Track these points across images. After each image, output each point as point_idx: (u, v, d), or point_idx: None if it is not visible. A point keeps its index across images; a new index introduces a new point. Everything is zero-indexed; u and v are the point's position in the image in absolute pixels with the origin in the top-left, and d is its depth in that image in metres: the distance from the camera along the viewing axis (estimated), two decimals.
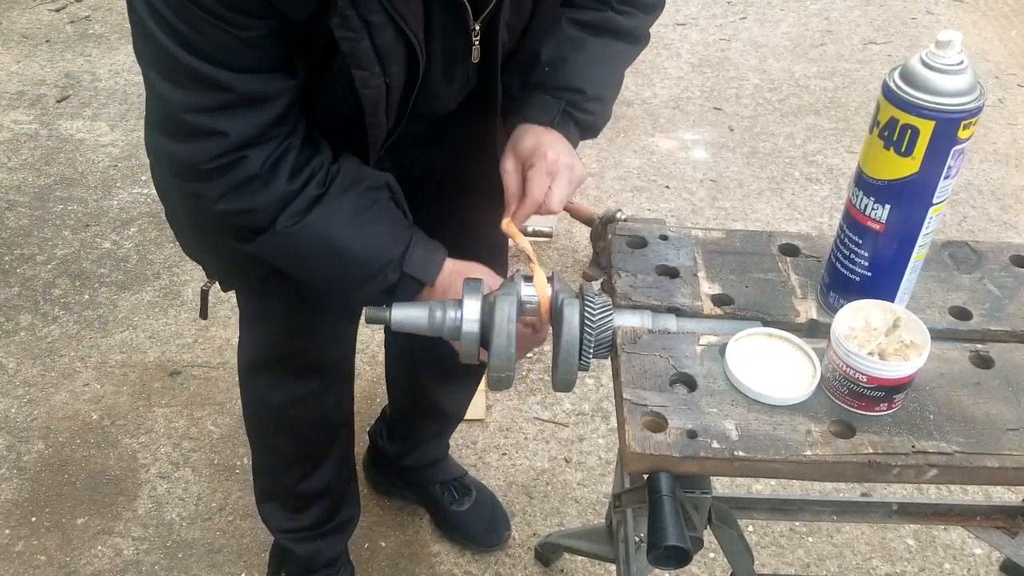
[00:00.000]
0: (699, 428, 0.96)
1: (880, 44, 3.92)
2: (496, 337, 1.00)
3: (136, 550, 1.96)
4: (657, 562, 0.95)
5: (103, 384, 2.33)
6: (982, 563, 1.94)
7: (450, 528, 2.00)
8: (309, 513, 1.74)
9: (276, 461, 1.71)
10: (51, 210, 2.90)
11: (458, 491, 2.00)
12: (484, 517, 2.00)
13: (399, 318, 1.07)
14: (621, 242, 1.23)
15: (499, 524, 1.99)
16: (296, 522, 1.76)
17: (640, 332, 1.08)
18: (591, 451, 2.18)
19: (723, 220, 2.92)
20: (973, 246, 1.24)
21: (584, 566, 1.93)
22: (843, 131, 3.36)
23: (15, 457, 2.15)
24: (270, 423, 1.65)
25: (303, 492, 1.71)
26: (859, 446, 0.95)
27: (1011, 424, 0.98)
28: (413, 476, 2.00)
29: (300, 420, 1.60)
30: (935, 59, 0.93)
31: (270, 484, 1.76)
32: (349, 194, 1.08)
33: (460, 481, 2.02)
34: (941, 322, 1.12)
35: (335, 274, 1.12)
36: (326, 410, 1.63)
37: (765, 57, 3.80)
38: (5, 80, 3.55)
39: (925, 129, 0.94)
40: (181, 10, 0.92)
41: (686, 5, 4.15)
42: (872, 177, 1.01)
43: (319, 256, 1.10)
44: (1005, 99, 3.59)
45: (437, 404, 1.86)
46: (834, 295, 1.11)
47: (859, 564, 1.95)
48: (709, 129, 3.36)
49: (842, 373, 0.98)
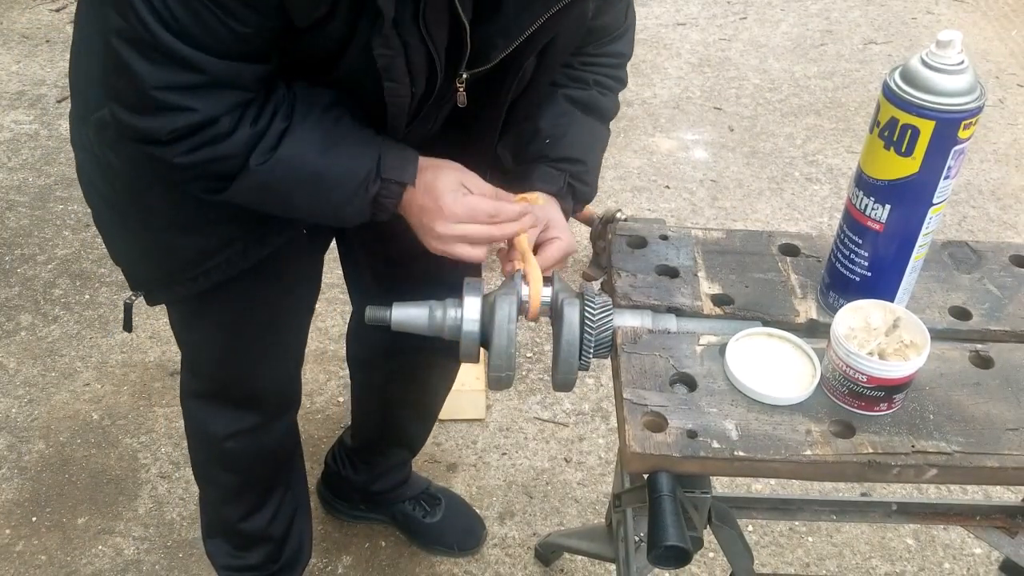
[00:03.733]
0: (699, 428, 0.96)
1: (880, 44, 3.92)
2: (496, 337, 1.00)
3: (137, 550, 1.96)
4: (657, 562, 0.95)
5: (103, 384, 2.33)
6: (982, 563, 1.94)
7: (427, 541, 1.96)
8: (255, 552, 1.70)
9: (218, 495, 1.66)
10: (51, 210, 2.90)
11: (428, 503, 1.96)
12: (459, 522, 1.98)
13: (399, 318, 1.07)
14: (621, 242, 1.23)
15: (475, 525, 1.98)
16: (241, 560, 1.71)
17: (640, 332, 1.08)
18: (591, 451, 2.18)
19: (723, 220, 2.92)
20: (973, 246, 1.24)
21: (584, 566, 1.93)
22: (843, 131, 3.36)
23: (16, 457, 2.15)
24: (210, 454, 1.60)
25: (247, 531, 1.67)
26: (859, 446, 0.96)
27: (1011, 424, 0.98)
28: (381, 498, 1.95)
29: (241, 454, 1.55)
30: (935, 59, 0.93)
31: (215, 518, 1.71)
32: (312, 118, 1.07)
33: (428, 492, 1.98)
34: (941, 322, 1.12)
35: (318, 200, 1.10)
36: (268, 445, 1.58)
37: (765, 57, 3.81)
38: (5, 80, 3.55)
39: (925, 129, 0.94)
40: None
41: (686, 5, 4.15)
42: (872, 177, 1.01)
43: (299, 186, 1.08)
44: (1005, 99, 3.59)
45: (409, 437, 1.85)
46: (834, 295, 1.11)
47: (859, 564, 1.95)
48: (709, 129, 3.36)
49: (842, 373, 0.98)
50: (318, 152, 1.06)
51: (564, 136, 1.23)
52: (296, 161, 1.05)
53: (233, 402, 1.50)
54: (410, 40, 0.99)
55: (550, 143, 1.23)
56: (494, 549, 1.98)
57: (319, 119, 1.07)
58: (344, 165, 1.07)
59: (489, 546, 1.98)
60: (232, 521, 1.66)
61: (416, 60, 1.02)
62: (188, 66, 0.96)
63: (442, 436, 2.21)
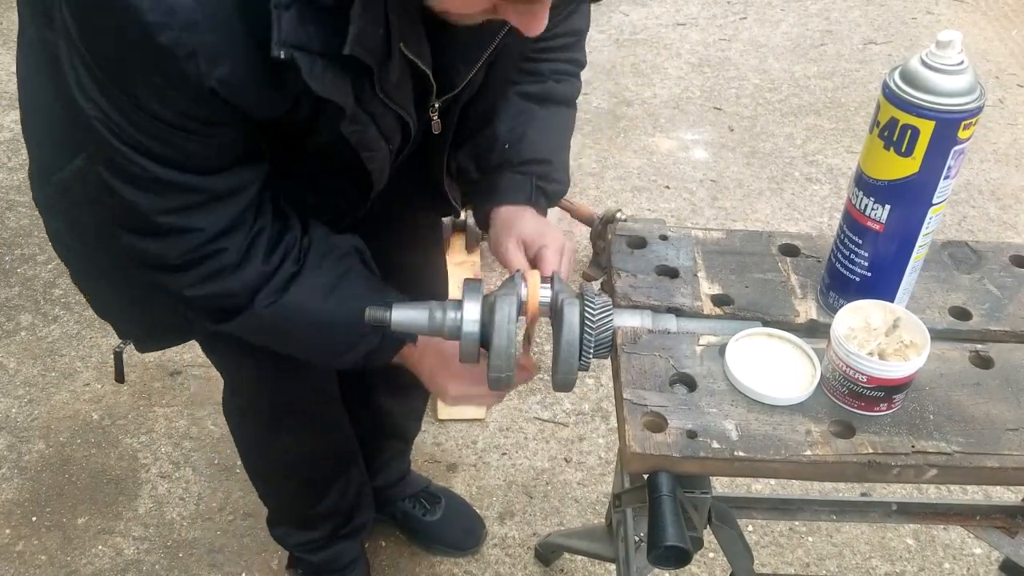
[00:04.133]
0: (699, 428, 0.96)
1: (880, 44, 3.92)
2: (496, 337, 1.00)
3: (137, 550, 1.96)
4: (657, 562, 0.95)
5: (103, 384, 2.33)
6: (981, 563, 1.94)
7: (427, 539, 1.96)
8: (322, 527, 1.73)
9: (281, 498, 1.69)
10: None
11: (428, 501, 1.97)
12: (459, 521, 1.98)
13: (399, 319, 1.07)
14: (621, 242, 1.23)
15: (475, 524, 1.98)
16: (309, 535, 1.75)
17: (640, 332, 1.08)
18: (591, 451, 2.18)
19: (723, 220, 2.92)
20: (973, 246, 1.24)
21: (584, 566, 1.93)
22: (843, 131, 3.36)
23: (16, 457, 2.15)
24: (271, 468, 1.62)
25: (314, 515, 1.69)
26: (859, 446, 0.96)
27: (1011, 424, 0.98)
28: (381, 496, 1.94)
29: (302, 460, 1.57)
30: (935, 59, 0.93)
31: (278, 513, 1.75)
32: (324, 266, 1.08)
33: (427, 491, 1.98)
34: (941, 322, 1.12)
35: (317, 346, 1.13)
36: (327, 445, 1.59)
37: (765, 57, 3.80)
38: (5, 80, 3.54)
39: (925, 129, 0.94)
40: (142, 124, 0.89)
41: (686, 5, 4.15)
42: (872, 177, 1.01)
43: (300, 331, 1.10)
44: (1005, 99, 3.59)
45: (400, 427, 1.85)
46: (834, 295, 1.11)
47: (859, 564, 1.95)
48: (709, 129, 3.36)
49: (842, 373, 0.98)
50: (326, 300, 1.06)
51: (524, 138, 1.22)
52: (300, 309, 1.06)
53: (286, 414, 1.49)
54: (376, 111, 0.99)
55: (510, 148, 1.21)
56: (494, 549, 1.98)
57: (331, 266, 1.08)
58: (350, 316, 1.06)
59: (489, 546, 1.98)
60: (299, 512, 1.70)
61: (387, 124, 1.02)
62: (185, 189, 0.95)
63: (442, 436, 2.21)
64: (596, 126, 3.33)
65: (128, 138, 0.90)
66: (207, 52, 0.83)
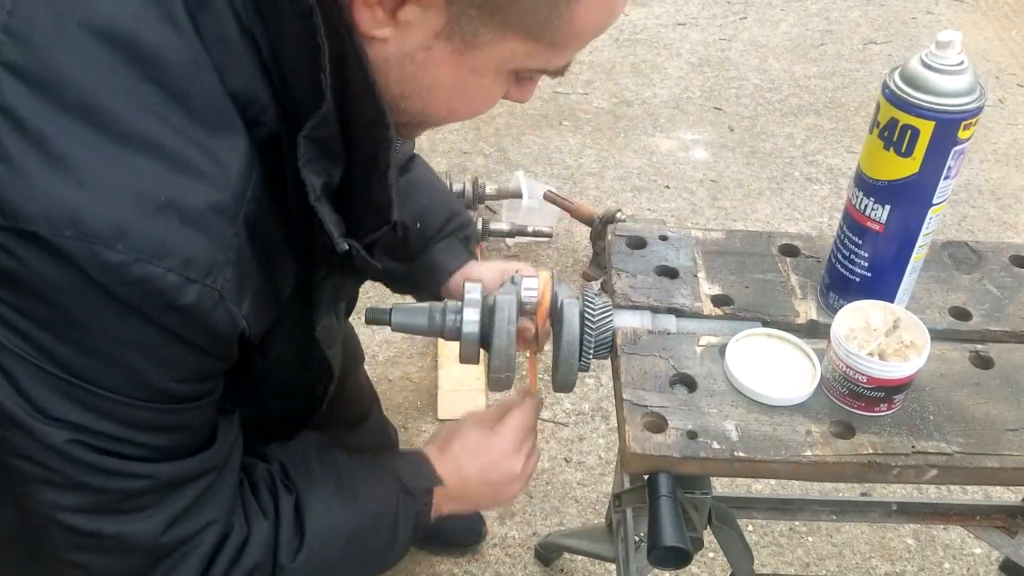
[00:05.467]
0: (699, 428, 0.96)
1: (880, 44, 3.92)
2: (496, 338, 1.00)
3: None
4: (657, 562, 0.95)
5: None
6: (982, 563, 1.94)
7: (427, 537, 1.93)
8: None
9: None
10: None
11: None
12: (459, 520, 1.94)
13: (399, 320, 1.07)
14: (621, 242, 1.23)
15: (475, 523, 1.98)
16: None
17: (640, 333, 1.08)
18: (591, 451, 2.18)
19: (723, 220, 2.92)
20: (973, 246, 1.24)
21: (584, 566, 1.93)
22: (843, 131, 3.36)
23: None
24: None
25: None
26: (859, 446, 0.96)
27: (1011, 424, 0.98)
28: None
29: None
30: (935, 59, 0.93)
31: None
32: (316, 481, 0.95)
33: None
34: (941, 322, 1.12)
35: (367, 549, 0.99)
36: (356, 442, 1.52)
37: (765, 57, 3.80)
38: None
39: (925, 129, 0.94)
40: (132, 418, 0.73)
41: (686, 5, 4.15)
42: (872, 177, 1.01)
43: (342, 552, 0.95)
44: (1005, 99, 3.59)
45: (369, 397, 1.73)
46: (834, 295, 1.11)
47: (859, 564, 1.95)
48: (709, 129, 3.36)
49: (842, 373, 0.98)
50: (343, 510, 0.95)
51: (425, 208, 1.18)
52: (328, 533, 0.93)
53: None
54: (330, 322, 0.98)
55: (422, 224, 1.17)
56: (494, 549, 1.97)
57: (323, 477, 0.96)
58: (373, 507, 0.98)
59: (489, 546, 1.98)
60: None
61: (336, 327, 1.03)
62: (187, 481, 0.79)
63: None
64: (596, 126, 3.33)
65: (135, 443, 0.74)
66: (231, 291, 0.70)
